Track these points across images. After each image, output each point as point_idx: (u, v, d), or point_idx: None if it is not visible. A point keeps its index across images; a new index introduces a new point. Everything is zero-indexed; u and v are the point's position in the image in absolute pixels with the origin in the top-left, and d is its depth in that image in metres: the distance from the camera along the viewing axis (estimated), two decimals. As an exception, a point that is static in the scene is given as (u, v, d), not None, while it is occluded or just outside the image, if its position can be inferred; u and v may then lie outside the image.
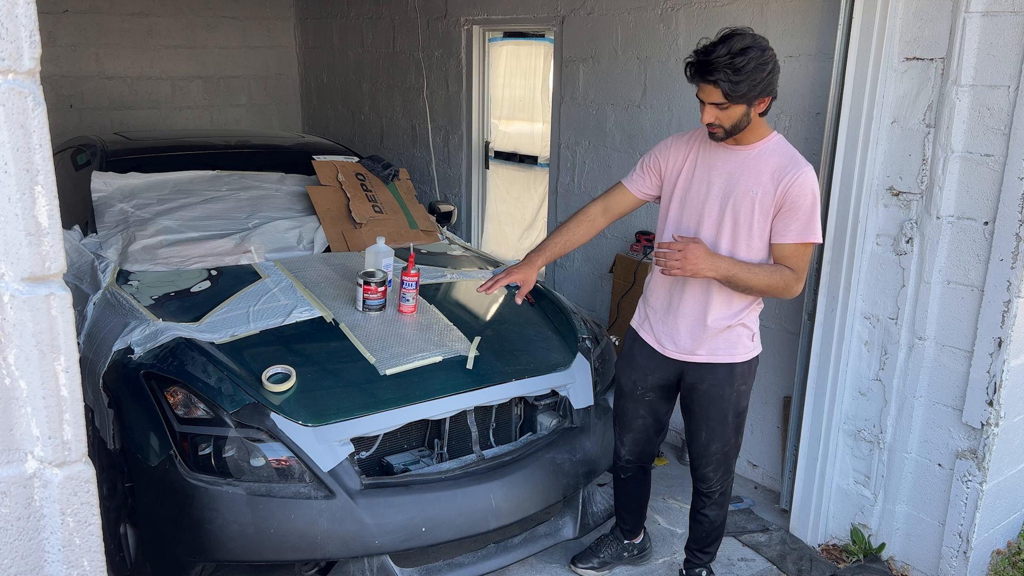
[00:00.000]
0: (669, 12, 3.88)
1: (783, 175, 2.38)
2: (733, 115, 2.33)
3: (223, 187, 4.07)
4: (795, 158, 2.41)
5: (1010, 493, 3.07)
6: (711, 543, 2.90)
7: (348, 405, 2.65)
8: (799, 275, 2.43)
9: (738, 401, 2.63)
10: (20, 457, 1.16)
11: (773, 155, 2.42)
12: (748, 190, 2.41)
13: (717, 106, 2.32)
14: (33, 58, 1.06)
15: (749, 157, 2.44)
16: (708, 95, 2.32)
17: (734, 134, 2.40)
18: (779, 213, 2.40)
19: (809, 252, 2.45)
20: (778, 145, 2.45)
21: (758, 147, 2.44)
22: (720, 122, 2.35)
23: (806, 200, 2.37)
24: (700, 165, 2.51)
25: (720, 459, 2.70)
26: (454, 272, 3.63)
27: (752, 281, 2.39)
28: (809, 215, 2.39)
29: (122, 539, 2.79)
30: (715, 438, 2.66)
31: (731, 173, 2.45)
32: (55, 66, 6.07)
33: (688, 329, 2.58)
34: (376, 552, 2.55)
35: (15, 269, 1.10)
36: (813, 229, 2.40)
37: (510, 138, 5.35)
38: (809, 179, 2.38)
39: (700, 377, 2.61)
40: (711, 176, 2.48)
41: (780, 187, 2.38)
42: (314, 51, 7.08)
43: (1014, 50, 2.60)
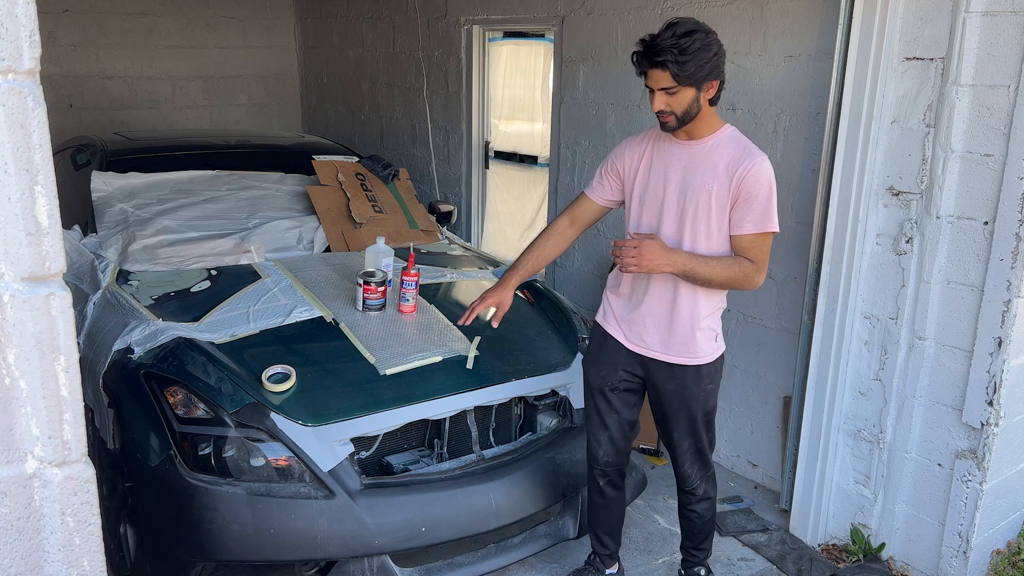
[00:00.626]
0: (669, 12, 3.88)
1: (737, 166, 2.38)
2: (683, 100, 2.33)
3: (223, 187, 4.07)
4: (749, 149, 2.41)
5: (1010, 493, 3.07)
6: (704, 539, 2.87)
7: (348, 405, 2.65)
8: (759, 266, 2.43)
9: (706, 400, 2.61)
10: (20, 457, 1.16)
11: (727, 147, 2.42)
12: (704, 183, 2.41)
13: (666, 91, 2.32)
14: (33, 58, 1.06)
15: (703, 151, 2.44)
16: (656, 81, 2.32)
17: (686, 122, 2.38)
18: (736, 204, 2.40)
19: (768, 242, 2.44)
20: (731, 137, 2.44)
21: (711, 140, 2.44)
22: (671, 108, 2.34)
23: (762, 190, 2.37)
24: (656, 163, 2.52)
25: (695, 455, 2.68)
26: (454, 272, 3.63)
27: (710, 274, 2.39)
28: (766, 205, 2.38)
29: (122, 539, 2.79)
30: (686, 436, 2.65)
31: (686, 168, 2.45)
32: (55, 66, 6.07)
33: (655, 327, 2.56)
34: (376, 552, 2.55)
35: (15, 269, 1.10)
36: (770, 219, 2.40)
37: (510, 138, 5.35)
38: (764, 169, 2.37)
39: (667, 377, 2.59)
40: (667, 172, 2.48)
41: (735, 178, 2.37)
42: (314, 51, 7.08)
43: (1014, 50, 2.60)
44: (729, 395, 3.91)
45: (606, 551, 2.95)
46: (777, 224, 2.42)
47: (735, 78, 3.65)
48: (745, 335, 3.80)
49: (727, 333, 3.87)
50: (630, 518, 3.37)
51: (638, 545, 3.29)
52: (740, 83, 3.62)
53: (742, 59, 3.61)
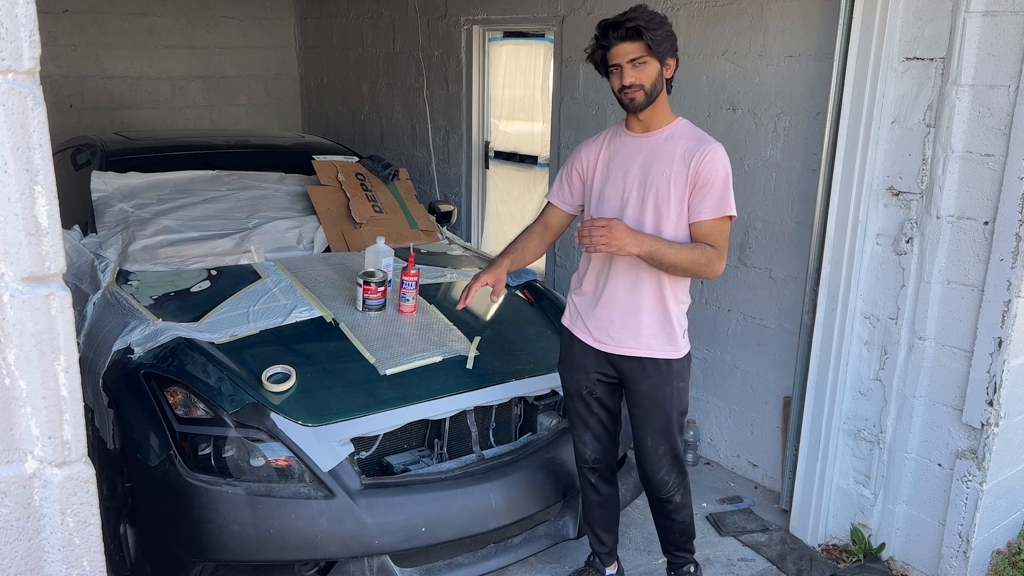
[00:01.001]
0: (669, 12, 3.87)
1: (693, 154, 2.42)
2: (651, 73, 2.40)
3: (223, 187, 4.07)
4: (703, 137, 2.47)
5: (1010, 493, 3.07)
6: (688, 540, 2.85)
7: (348, 405, 2.65)
8: (720, 252, 2.45)
9: (680, 400, 2.60)
10: (20, 457, 1.16)
11: (682, 137, 2.48)
12: (662, 171, 2.46)
13: (635, 62, 2.38)
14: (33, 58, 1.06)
15: (659, 142, 2.49)
16: (625, 54, 2.38)
17: (652, 98, 2.43)
18: (693, 191, 2.43)
19: (727, 228, 2.47)
20: (686, 127, 2.51)
21: (667, 131, 2.50)
22: (639, 80, 2.39)
23: (718, 176, 2.41)
24: (614, 159, 2.57)
25: (672, 461, 2.66)
26: (454, 272, 3.63)
27: (675, 257, 2.40)
28: (722, 190, 2.42)
29: (122, 539, 2.79)
30: (662, 440, 2.63)
31: (644, 160, 2.50)
32: (55, 66, 6.06)
33: (621, 321, 2.56)
34: (376, 552, 2.55)
35: (15, 269, 1.10)
36: (727, 203, 2.44)
37: (510, 138, 5.34)
38: (719, 155, 2.42)
39: (639, 375, 2.58)
40: (626, 166, 2.53)
41: (691, 166, 2.42)
42: (314, 51, 7.08)
43: (1014, 50, 2.60)
44: (729, 395, 3.91)
45: (604, 549, 2.94)
46: (734, 209, 2.46)
47: (735, 78, 3.65)
48: (745, 335, 3.80)
49: (727, 333, 3.87)
50: (630, 519, 3.37)
51: (638, 545, 3.29)
52: (740, 83, 3.62)
53: (742, 59, 3.60)
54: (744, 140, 3.65)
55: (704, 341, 3.96)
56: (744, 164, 3.65)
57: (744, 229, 3.71)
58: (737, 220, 3.71)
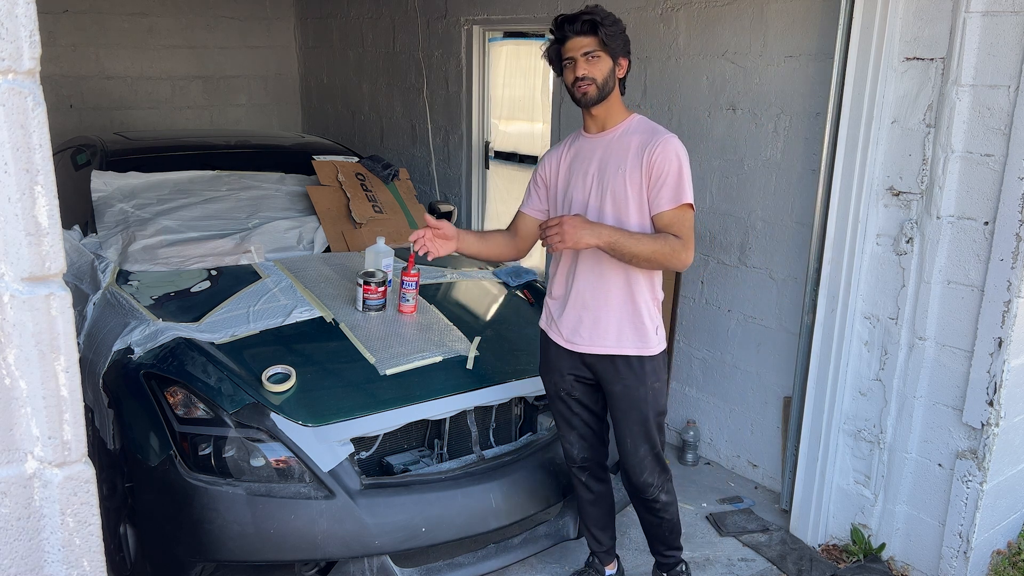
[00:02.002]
0: (669, 12, 3.88)
1: (645, 146, 2.45)
2: (603, 68, 2.43)
3: (223, 187, 4.07)
4: (656, 130, 2.49)
5: (1010, 493, 3.07)
6: (676, 538, 2.84)
7: (348, 405, 2.65)
8: (685, 242, 2.44)
9: (656, 400, 2.59)
10: (20, 457, 1.16)
11: (636, 132, 2.50)
12: (618, 167, 2.48)
13: (588, 56, 2.42)
14: (33, 58, 1.06)
15: (614, 139, 2.52)
16: (579, 47, 2.42)
17: (604, 93, 2.46)
18: (650, 185, 2.44)
19: (689, 217, 2.45)
20: (640, 123, 2.53)
21: (621, 127, 2.53)
22: (591, 74, 2.42)
23: (671, 165, 2.42)
24: (574, 162, 2.59)
25: (653, 461, 2.65)
26: (454, 272, 3.63)
27: (636, 247, 2.39)
28: (677, 179, 2.42)
29: (122, 539, 2.79)
30: (642, 441, 2.62)
31: (601, 158, 2.52)
32: (55, 66, 6.06)
33: (591, 318, 2.56)
34: (376, 552, 2.55)
35: (15, 269, 1.10)
36: (684, 191, 2.43)
37: (510, 138, 5.34)
38: (670, 145, 2.43)
39: (613, 377, 2.57)
40: (586, 167, 2.55)
41: (644, 158, 2.44)
42: (314, 51, 7.08)
43: (1014, 50, 2.60)
44: (729, 395, 3.91)
45: (601, 548, 2.94)
46: (692, 196, 2.45)
47: (735, 78, 3.65)
48: (745, 335, 3.80)
49: (727, 333, 3.87)
50: (630, 519, 3.37)
51: (637, 545, 3.28)
52: (740, 83, 3.62)
53: (742, 59, 3.60)
54: (744, 140, 3.64)
55: (704, 341, 3.96)
56: (744, 164, 3.65)
57: (744, 229, 3.71)
58: (737, 220, 3.72)
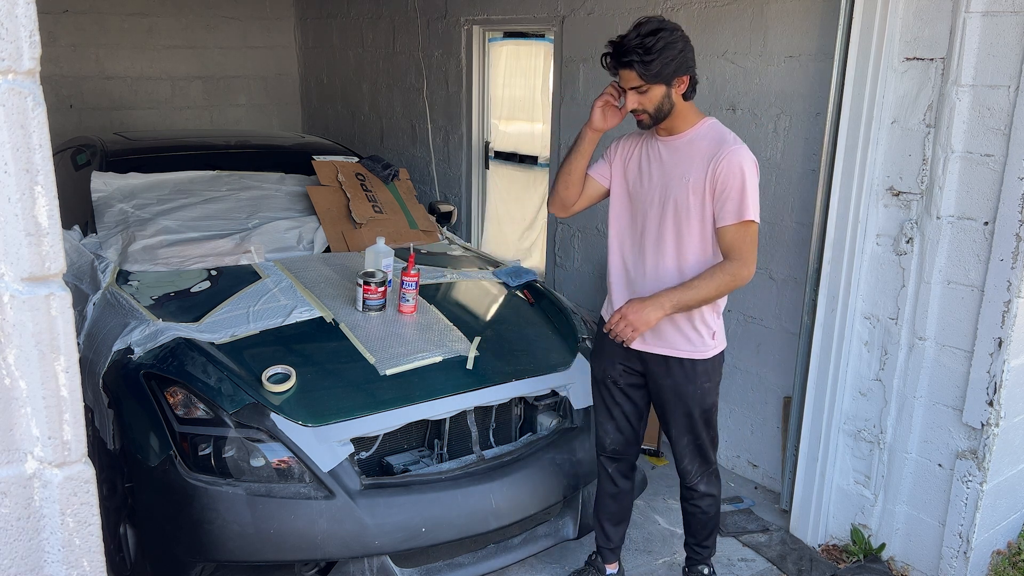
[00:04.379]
0: (669, 12, 3.88)
1: (711, 156, 2.42)
2: (654, 97, 2.39)
3: (223, 187, 4.07)
4: (724, 139, 2.45)
5: (1010, 493, 3.07)
6: (706, 536, 2.87)
7: (348, 405, 2.65)
8: (745, 259, 2.43)
9: (703, 398, 2.62)
10: (20, 457, 1.16)
11: (704, 139, 2.47)
12: (683, 175, 2.46)
13: (636, 90, 2.39)
14: (33, 58, 1.06)
15: (682, 145, 2.49)
16: (627, 80, 2.39)
17: (660, 119, 2.44)
18: (715, 196, 2.43)
19: (751, 232, 2.43)
20: (710, 129, 2.49)
21: (690, 134, 2.49)
22: (643, 106, 2.41)
23: (736, 178, 2.39)
24: (643, 159, 2.58)
25: (694, 451, 2.70)
26: (454, 272, 3.63)
27: (700, 293, 2.41)
28: (741, 193, 2.39)
29: (122, 539, 2.79)
30: (684, 432, 2.67)
31: (666, 163, 2.51)
32: (55, 66, 6.06)
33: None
34: (376, 552, 2.55)
35: (15, 269, 1.10)
36: (747, 207, 2.40)
37: (510, 138, 5.34)
38: (736, 157, 2.39)
39: (663, 372, 2.62)
40: (651, 169, 2.55)
41: (709, 169, 2.41)
42: (314, 51, 7.08)
43: (1014, 50, 2.60)
44: (729, 395, 3.90)
45: (609, 544, 2.96)
46: (756, 213, 2.43)
47: (735, 78, 3.65)
48: (745, 335, 3.79)
49: (727, 333, 3.86)
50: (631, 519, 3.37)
51: (638, 546, 3.29)
52: (740, 83, 3.62)
53: (742, 59, 3.60)
54: (744, 140, 3.63)
55: (704, 341, 3.96)
56: (744, 164, 3.65)
57: (744, 229, 3.71)
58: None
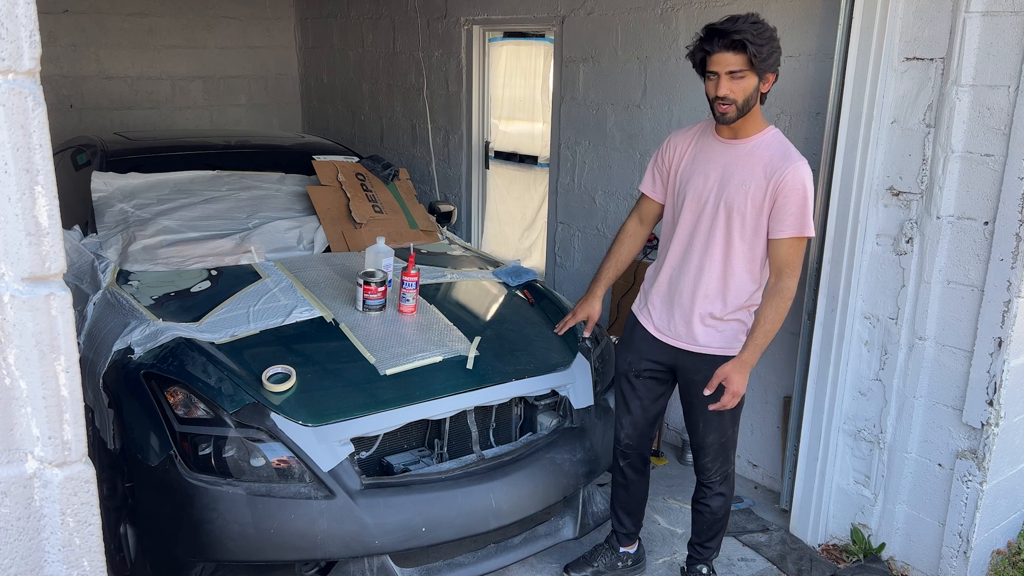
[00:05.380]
0: (669, 12, 3.88)
1: (775, 169, 2.42)
2: (747, 87, 2.35)
3: (223, 187, 4.07)
4: (788, 152, 2.44)
5: (1010, 493, 3.07)
6: (712, 536, 2.90)
7: (348, 405, 2.65)
8: (795, 274, 2.47)
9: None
10: (20, 457, 1.16)
11: (767, 149, 2.46)
12: (742, 182, 2.46)
13: (733, 75, 2.33)
14: (33, 58, 1.06)
15: (744, 151, 2.48)
16: (726, 64, 2.32)
17: (743, 112, 2.40)
18: (773, 208, 2.43)
19: (803, 247, 2.49)
20: (774, 139, 2.48)
21: (754, 140, 2.48)
22: (734, 95, 2.35)
23: (798, 194, 2.40)
24: (698, 159, 2.57)
25: (718, 450, 2.74)
26: (454, 272, 3.63)
27: (768, 336, 2.47)
28: (802, 208, 2.41)
29: (122, 539, 2.79)
30: (712, 430, 2.70)
31: (726, 166, 2.50)
32: (55, 66, 6.06)
33: (683, 317, 2.64)
34: (376, 552, 2.55)
35: (15, 269, 1.10)
36: (806, 223, 2.44)
37: (510, 138, 5.34)
38: (800, 173, 2.40)
39: (696, 368, 2.65)
40: (708, 169, 2.53)
41: (772, 181, 2.41)
42: (314, 51, 7.08)
43: (1014, 50, 2.60)
44: (729, 395, 3.90)
45: (624, 530, 3.05)
46: (812, 229, 2.46)
47: (735, 78, 3.64)
48: (745, 335, 3.79)
49: (727, 333, 3.87)
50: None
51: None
52: (740, 83, 3.62)
53: (742, 59, 3.60)
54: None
55: (704, 341, 3.96)
56: (744, 164, 3.65)
57: (744, 229, 3.71)
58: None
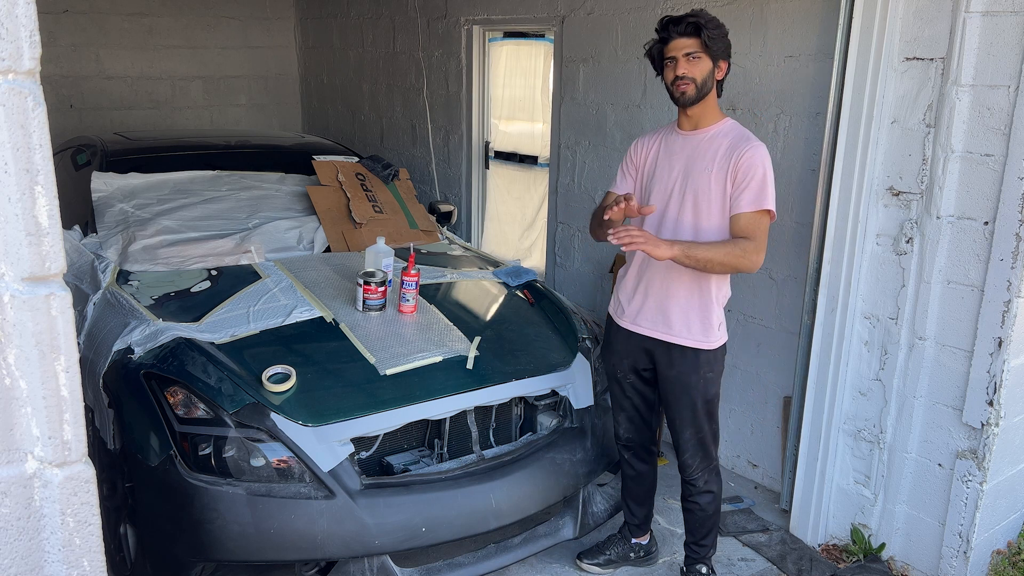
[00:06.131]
0: (669, 12, 3.87)
1: (734, 150, 2.55)
2: (704, 68, 2.53)
3: (223, 187, 4.07)
4: (747, 136, 2.59)
5: (1010, 493, 3.07)
6: (705, 535, 2.93)
7: (348, 405, 2.65)
8: (758, 245, 2.53)
9: (706, 389, 2.72)
10: (20, 457, 1.16)
11: (727, 136, 2.61)
12: (704, 167, 2.59)
13: (689, 56, 2.52)
14: (33, 58, 1.06)
15: (705, 140, 2.63)
16: (683, 47, 2.53)
17: (702, 94, 2.56)
18: (734, 186, 2.55)
19: (765, 222, 2.56)
20: (732, 127, 2.64)
21: (713, 129, 2.63)
22: (691, 74, 2.53)
23: (757, 172, 2.52)
24: (663, 153, 2.71)
25: (696, 445, 2.79)
26: (454, 272, 3.63)
27: (710, 252, 2.47)
28: (761, 185, 2.52)
29: (122, 539, 2.79)
30: (687, 425, 2.76)
31: (689, 156, 2.64)
32: (55, 66, 6.06)
33: (658, 305, 2.70)
34: (376, 552, 2.55)
35: (15, 269, 1.10)
36: (765, 197, 2.53)
37: (510, 138, 5.34)
38: (759, 153, 2.54)
39: (668, 362, 2.72)
40: (672, 162, 2.68)
41: (732, 161, 2.54)
42: (314, 51, 7.08)
43: (1014, 50, 2.60)
44: (729, 395, 3.90)
45: (635, 520, 3.12)
46: (773, 204, 2.55)
47: (735, 78, 3.64)
48: (745, 335, 3.79)
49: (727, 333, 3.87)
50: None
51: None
52: (740, 83, 3.62)
53: (742, 59, 3.60)
54: (744, 140, 3.64)
55: (704, 341, 3.96)
56: (744, 164, 3.65)
57: (744, 229, 3.71)
58: (737, 220, 3.71)
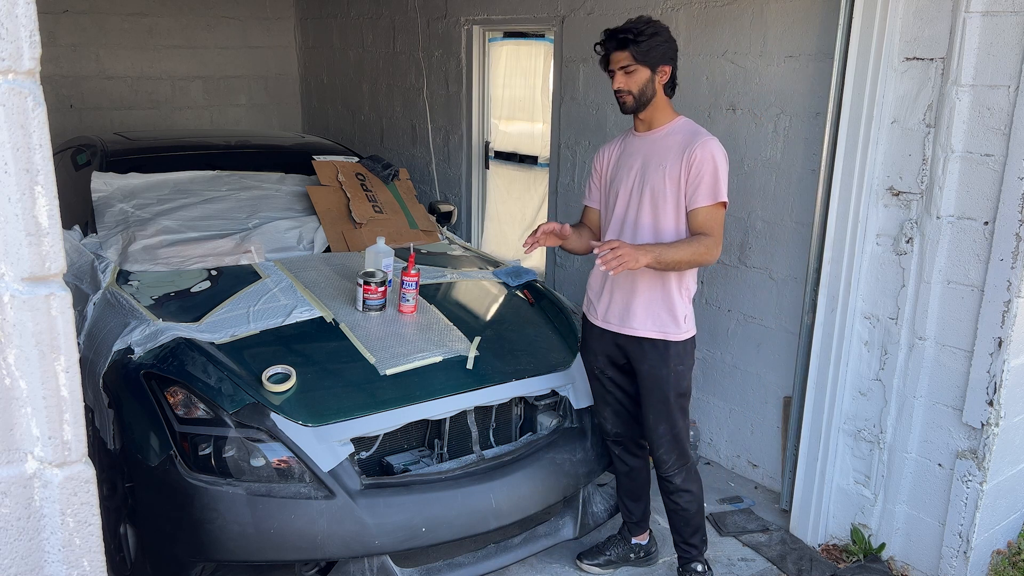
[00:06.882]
0: (669, 12, 3.88)
1: (686, 146, 2.62)
2: (639, 79, 2.60)
3: (223, 187, 4.07)
4: (698, 132, 2.66)
5: (1010, 493, 3.07)
6: (692, 533, 2.94)
7: (348, 405, 2.65)
8: (716, 239, 2.61)
9: (677, 382, 2.74)
10: (20, 457, 1.16)
11: (679, 133, 2.68)
12: (659, 164, 2.66)
13: (624, 69, 2.60)
14: (33, 58, 1.07)
15: (659, 138, 2.70)
16: (618, 61, 2.61)
17: (643, 103, 2.64)
18: (688, 181, 2.60)
19: (721, 215, 2.63)
20: (685, 124, 2.71)
21: (666, 128, 2.70)
22: (628, 87, 2.61)
23: (708, 165, 2.58)
24: (622, 157, 2.79)
25: (671, 441, 2.80)
26: (454, 272, 3.63)
27: (678, 254, 2.56)
28: (714, 178, 2.59)
29: (122, 539, 2.79)
30: (661, 420, 2.78)
31: (645, 155, 2.71)
32: (55, 66, 6.06)
33: (624, 302, 2.74)
34: (376, 552, 2.55)
35: (15, 269, 1.10)
36: (720, 190, 2.60)
37: (510, 138, 5.34)
38: (709, 146, 2.59)
39: (639, 357, 2.76)
40: (631, 162, 2.74)
41: (684, 156, 2.61)
42: (314, 51, 7.08)
43: (1014, 50, 2.60)
44: (729, 395, 3.91)
45: (632, 518, 3.12)
46: (726, 195, 2.61)
47: (735, 78, 3.65)
48: (745, 335, 3.79)
49: (727, 333, 3.87)
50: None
51: (638, 545, 3.28)
52: (740, 83, 3.62)
53: (742, 59, 3.60)
54: (744, 140, 3.64)
55: (704, 341, 3.96)
56: (744, 164, 3.65)
57: (744, 229, 3.71)
58: (737, 220, 3.72)
